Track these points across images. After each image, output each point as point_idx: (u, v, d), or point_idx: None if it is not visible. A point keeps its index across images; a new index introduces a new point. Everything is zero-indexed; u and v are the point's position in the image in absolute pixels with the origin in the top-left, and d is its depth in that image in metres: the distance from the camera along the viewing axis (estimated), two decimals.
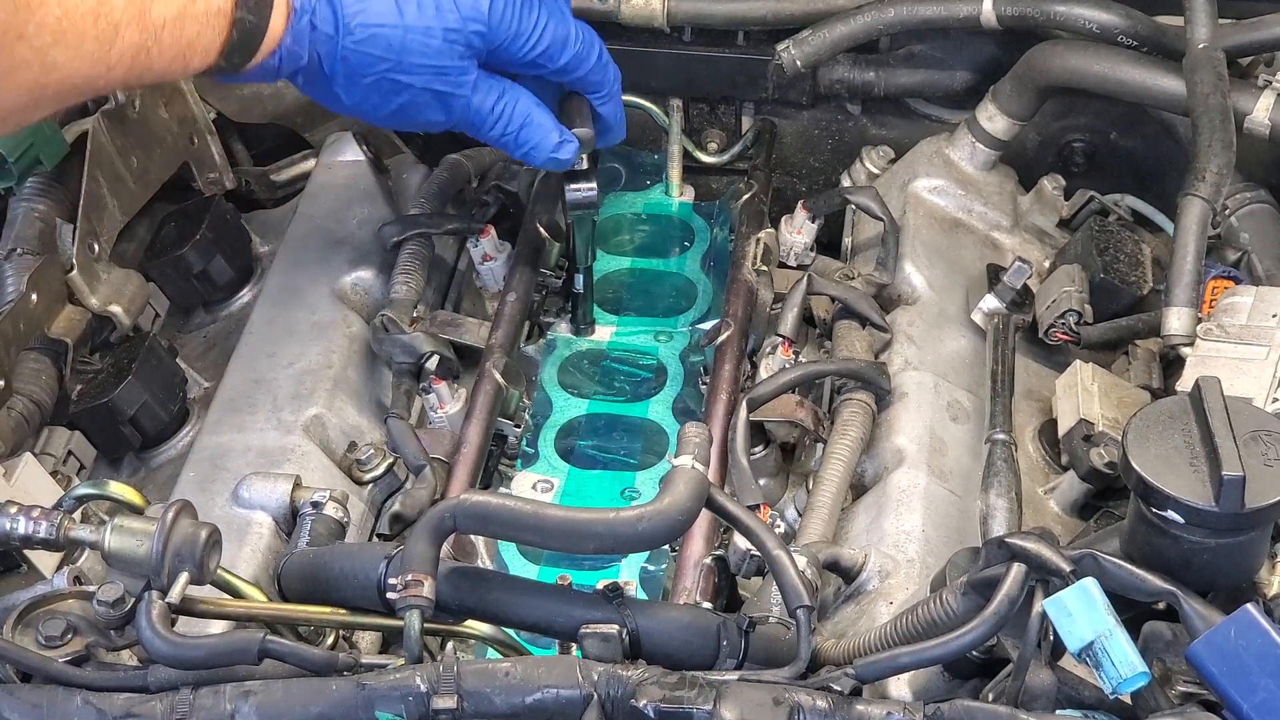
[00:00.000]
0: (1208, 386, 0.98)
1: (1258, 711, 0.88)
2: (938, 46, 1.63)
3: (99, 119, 1.48)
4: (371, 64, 1.27)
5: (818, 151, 1.71)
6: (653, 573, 1.26)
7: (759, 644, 1.04)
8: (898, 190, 1.56)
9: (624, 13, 1.59)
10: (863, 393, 1.33)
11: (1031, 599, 0.93)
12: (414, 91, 1.29)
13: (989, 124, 1.56)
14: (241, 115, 1.66)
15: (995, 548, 0.96)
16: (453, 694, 0.95)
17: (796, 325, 1.39)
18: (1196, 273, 1.29)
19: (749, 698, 0.94)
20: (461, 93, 1.30)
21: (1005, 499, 1.23)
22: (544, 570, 1.27)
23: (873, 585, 1.18)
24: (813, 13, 1.59)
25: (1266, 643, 0.88)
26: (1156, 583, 0.93)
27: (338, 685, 0.96)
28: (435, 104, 1.30)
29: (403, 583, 1.00)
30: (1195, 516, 0.93)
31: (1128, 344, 1.40)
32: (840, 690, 0.96)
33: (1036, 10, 1.50)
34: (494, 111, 1.32)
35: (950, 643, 0.94)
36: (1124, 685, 0.90)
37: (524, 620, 1.05)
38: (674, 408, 1.44)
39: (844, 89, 1.65)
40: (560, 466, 1.38)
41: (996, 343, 1.37)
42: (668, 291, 1.58)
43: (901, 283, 1.47)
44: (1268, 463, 0.94)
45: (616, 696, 0.95)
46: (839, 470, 1.27)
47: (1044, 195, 1.59)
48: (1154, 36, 1.47)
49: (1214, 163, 1.31)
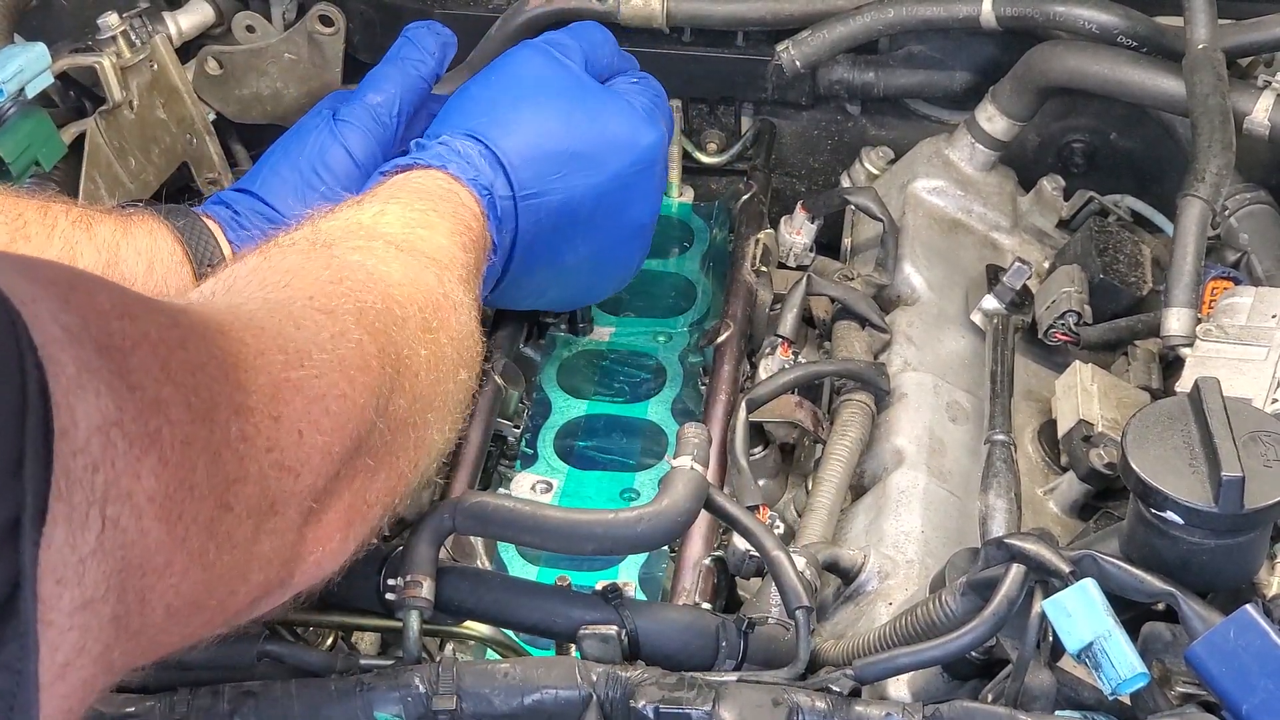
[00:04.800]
0: (1207, 387, 0.98)
1: (1257, 712, 0.87)
2: (937, 47, 1.63)
3: (96, 120, 1.48)
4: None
5: (817, 152, 1.71)
6: (652, 573, 1.26)
7: (758, 645, 1.04)
8: (897, 191, 1.56)
9: (623, 13, 1.59)
10: (862, 393, 1.33)
11: (1031, 600, 0.93)
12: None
13: (988, 125, 1.56)
14: (241, 115, 1.66)
15: (994, 548, 0.96)
16: (452, 694, 0.95)
17: (796, 326, 1.38)
18: (1196, 273, 1.28)
19: (748, 698, 0.94)
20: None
21: (1005, 500, 1.23)
22: (543, 571, 1.27)
23: (872, 586, 1.18)
24: (812, 13, 1.59)
25: (1266, 643, 0.88)
26: (1156, 583, 0.93)
27: (337, 686, 0.96)
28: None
29: (401, 583, 1.00)
30: (1194, 517, 0.93)
31: (1127, 345, 1.39)
32: (839, 691, 0.96)
33: (1036, 11, 1.49)
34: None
35: (949, 643, 0.94)
36: (1123, 686, 0.90)
37: (523, 621, 1.05)
38: (673, 408, 1.44)
39: (843, 89, 1.65)
40: (560, 467, 1.38)
41: (996, 343, 1.37)
42: (667, 292, 1.58)
43: (901, 283, 1.46)
44: (1267, 463, 0.93)
45: (615, 697, 0.95)
46: (838, 471, 1.27)
47: (1043, 196, 1.59)
48: (1154, 37, 1.47)
49: (1214, 163, 1.31)
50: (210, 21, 1.64)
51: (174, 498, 0.62)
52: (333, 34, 1.62)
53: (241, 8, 1.67)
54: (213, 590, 0.70)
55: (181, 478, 0.63)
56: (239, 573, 0.73)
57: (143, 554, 0.60)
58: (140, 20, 1.55)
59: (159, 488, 0.61)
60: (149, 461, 0.60)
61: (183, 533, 0.64)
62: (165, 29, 1.58)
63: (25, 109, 1.39)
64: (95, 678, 0.61)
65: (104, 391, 0.57)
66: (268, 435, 0.72)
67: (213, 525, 0.67)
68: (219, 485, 0.67)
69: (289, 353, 0.77)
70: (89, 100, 1.53)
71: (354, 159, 1.31)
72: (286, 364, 0.76)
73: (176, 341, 0.66)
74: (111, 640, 0.60)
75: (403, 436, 0.90)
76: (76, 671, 0.58)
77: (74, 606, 0.57)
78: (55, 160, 1.43)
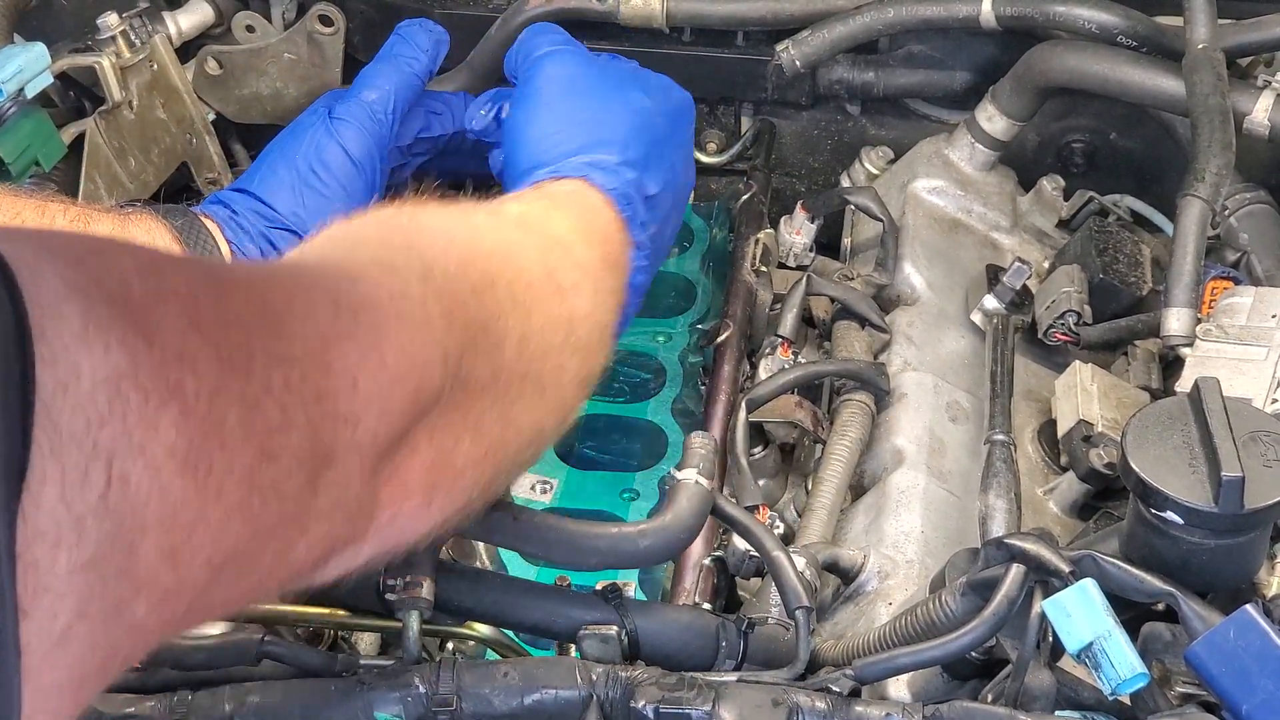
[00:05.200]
0: (1207, 387, 0.98)
1: (1257, 712, 0.87)
2: (937, 47, 1.63)
3: (96, 120, 1.47)
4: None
5: (817, 152, 1.71)
6: (652, 574, 1.26)
7: (758, 645, 1.04)
8: (897, 191, 1.56)
9: (623, 13, 1.59)
10: (862, 393, 1.33)
11: (1030, 600, 0.93)
12: None
13: (988, 124, 1.56)
14: (240, 115, 1.66)
15: (994, 548, 0.96)
16: (452, 694, 0.95)
17: (796, 326, 1.38)
18: (1196, 273, 1.28)
19: (748, 699, 0.94)
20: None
21: (1004, 500, 1.23)
22: (543, 571, 1.27)
23: (872, 586, 1.18)
24: (812, 13, 1.59)
25: (1266, 643, 0.88)
26: (1155, 584, 0.93)
27: (336, 686, 0.96)
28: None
29: (401, 583, 1.00)
30: (1194, 517, 0.93)
31: (1127, 344, 1.39)
32: (839, 691, 0.96)
33: (1036, 10, 1.49)
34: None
35: (949, 644, 0.94)
36: (1123, 686, 0.90)
37: (523, 621, 1.05)
38: (673, 408, 1.44)
39: (843, 89, 1.65)
40: (559, 467, 1.38)
41: (996, 343, 1.37)
42: (667, 292, 1.58)
43: (901, 283, 1.46)
44: (1267, 463, 0.93)
45: (615, 697, 0.95)
46: (838, 471, 1.27)
47: (1043, 196, 1.59)
48: (1153, 37, 1.47)
49: (1213, 163, 1.31)
50: (210, 21, 1.64)
51: (200, 449, 0.60)
52: (332, 34, 1.62)
53: (241, 8, 1.67)
54: (263, 544, 0.67)
55: (208, 429, 0.61)
56: (294, 525, 0.70)
57: (164, 509, 0.59)
58: (140, 20, 1.55)
59: (180, 440, 0.59)
60: (169, 414, 0.58)
61: (215, 485, 0.61)
62: (165, 29, 1.58)
63: (25, 109, 1.39)
64: (112, 640, 0.59)
65: (115, 346, 0.56)
66: (316, 384, 0.70)
67: (253, 476, 0.64)
68: (258, 435, 0.64)
69: (341, 305, 0.75)
70: (89, 100, 1.53)
71: (350, 157, 1.31)
72: (337, 315, 0.74)
73: (210, 295, 0.65)
74: (126, 599, 0.58)
75: (482, 404, 0.88)
76: (81, 635, 0.56)
77: (72, 568, 0.55)
78: (55, 160, 1.43)
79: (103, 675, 0.60)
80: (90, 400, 0.55)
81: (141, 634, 0.62)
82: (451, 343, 0.83)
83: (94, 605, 0.56)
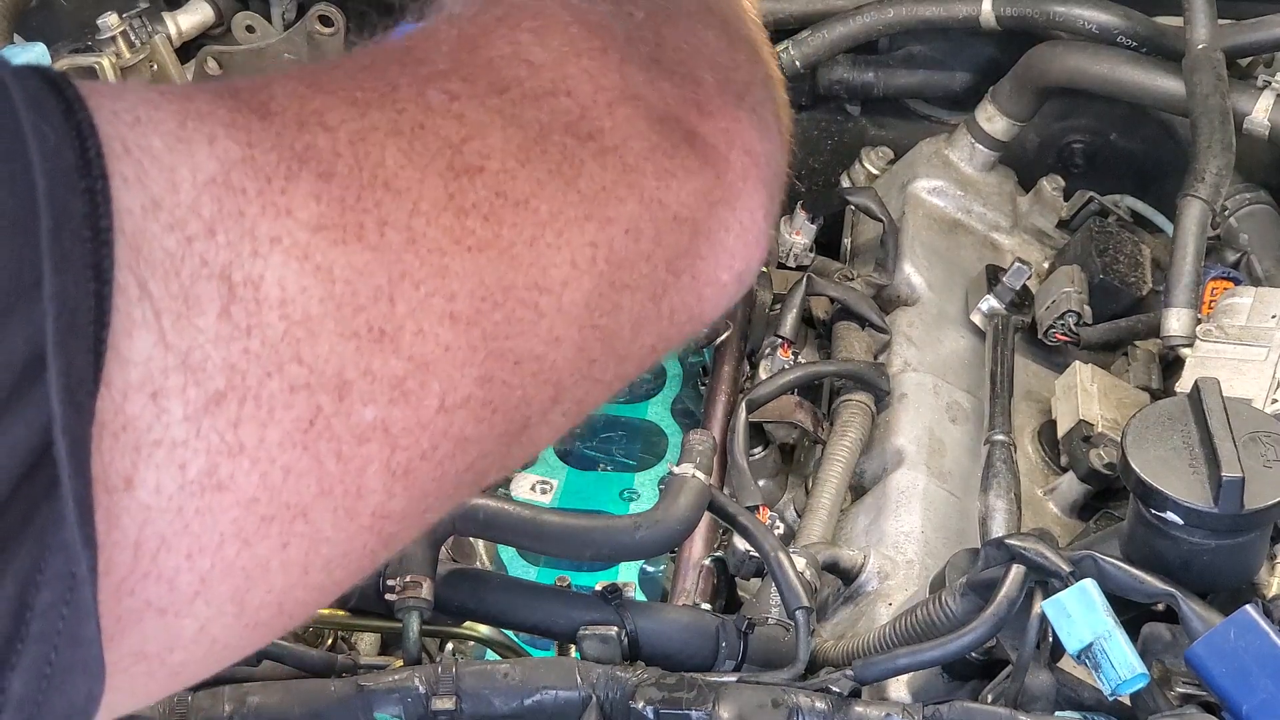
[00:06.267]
0: (1207, 387, 0.98)
1: (1257, 712, 0.87)
2: (937, 47, 1.63)
3: None
4: None
5: (817, 152, 1.71)
6: (652, 574, 1.26)
7: (758, 645, 1.04)
8: (897, 191, 1.56)
9: None
10: (862, 394, 1.33)
11: (1031, 600, 0.93)
12: None
13: (988, 125, 1.56)
14: None
15: (994, 549, 0.96)
16: (451, 695, 0.95)
17: (796, 326, 1.38)
18: (1196, 274, 1.28)
19: (748, 699, 0.94)
20: None
21: (1004, 500, 1.23)
22: (543, 571, 1.27)
23: (872, 586, 1.18)
24: (812, 13, 1.59)
25: (1266, 644, 0.88)
26: (1156, 584, 0.93)
27: (336, 686, 0.96)
28: None
29: (401, 584, 1.00)
30: (1194, 518, 0.93)
31: (1127, 345, 1.39)
32: (839, 691, 0.96)
33: (1036, 11, 1.49)
34: None
35: (949, 644, 0.94)
36: (1123, 686, 0.90)
37: (523, 622, 1.05)
38: (673, 409, 1.44)
39: (843, 89, 1.65)
40: (559, 467, 1.38)
41: (996, 344, 1.37)
42: None
43: (901, 283, 1.46)
44: (1267, 464, 0.93)
45: (615, 698, 0.95)
46: (838, 471, 1.27)
47: (1043, 196, 1.59)
48: (1153, 37, 1.47)
49: (1213, 163, 1.31)
50: (210, 22, 1.64)
51: (354, 208, 0.48)
52: (332, 34, 1.62)
53: (241, 8, 1.67)
54: (521, 271, 0.50)
55: (364, 180, 0.48)
56: (561, 240, 0.51)
57: (329, 289, 0.47)
58: (140, 20, 1.55)
59: (322, 210, 0.47)
60: (301, 186, 0.47)
61: (403, 237, 0.48)
62: (165, 29, 1.58)
63: None
64: (315, 460, 0.46)
65: (221, 135, 0.47)
66: (516, 71, 0.55)
67: (485, 208, 0.50)
68: (439, 156, 0.51)
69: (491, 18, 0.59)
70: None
71: None
72: (504, 20, 0.59)
73: (326, 65, 0.53)
74: (323, 407, 0.46)
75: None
76: (244, 471, 0.45)
77: (195, 409, 0.44)
78: None
79: (351, 516, 0.46)
80: (193, 211, 0.45)
81: (386, 442, 0.47)
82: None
83: (248, 434, 0.45)
